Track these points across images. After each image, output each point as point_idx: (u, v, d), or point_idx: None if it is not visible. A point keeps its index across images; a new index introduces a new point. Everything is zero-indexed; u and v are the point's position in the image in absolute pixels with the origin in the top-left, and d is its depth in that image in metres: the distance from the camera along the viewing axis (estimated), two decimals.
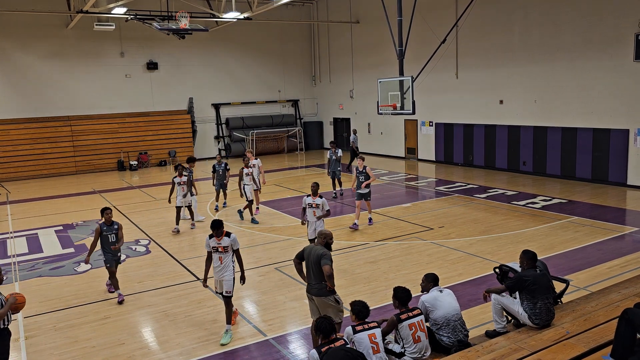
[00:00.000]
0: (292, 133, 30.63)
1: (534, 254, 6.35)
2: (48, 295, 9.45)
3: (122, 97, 26.70)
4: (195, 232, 13.59)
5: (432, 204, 15.73)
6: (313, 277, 6.52)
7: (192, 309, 8.56)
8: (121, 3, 19.73)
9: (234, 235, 7.48)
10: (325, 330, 5.14)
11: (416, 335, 5.61)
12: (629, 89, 16.47)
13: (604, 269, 9.57)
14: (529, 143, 19.90)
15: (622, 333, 4.87)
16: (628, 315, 4.87)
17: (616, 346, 4.92)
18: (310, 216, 9.99)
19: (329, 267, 6.33)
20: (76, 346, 7.43)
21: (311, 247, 6.69)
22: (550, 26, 18.53)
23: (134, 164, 26.13)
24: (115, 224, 9.01)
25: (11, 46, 24.18)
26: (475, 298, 8.28)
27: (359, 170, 13.22)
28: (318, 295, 6.48)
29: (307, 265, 6.61)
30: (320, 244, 6.65)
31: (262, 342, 7.33)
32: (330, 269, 6.34)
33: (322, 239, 6.70)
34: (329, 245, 6.65)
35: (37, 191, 20.85)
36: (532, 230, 12.30)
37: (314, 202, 9.98)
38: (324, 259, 6.39)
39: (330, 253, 6.55)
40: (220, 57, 29.03)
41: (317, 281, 6.47)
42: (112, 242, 8.88)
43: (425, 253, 10.96)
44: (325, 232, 6.79)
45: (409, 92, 15.48)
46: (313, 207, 9.95)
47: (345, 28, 28.60)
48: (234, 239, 7.46)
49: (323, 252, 6.48)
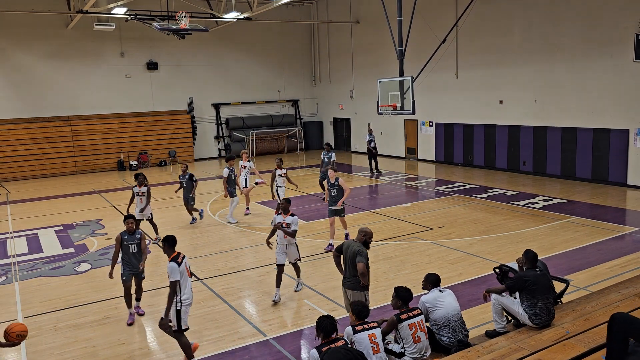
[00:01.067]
0: (292, 133, 30.64)
1: (535, 254, 6.36)
2: (48, 295, 9.45)
3: (122, 97, 26.70)
4: (195, 232, 13.57)
5: (432, 204, 15.72)
6: (348, 272, 6.77)
7: (192, 309, 8.51)
8: (121, 3, 19.72)
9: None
10: (326, 330, 5.14)
11: (416, 335, 5.61)
12: (629, 89, 16.47)
13: (604, 269, 9.57)
14: (528, 143, 19.90)
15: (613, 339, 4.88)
16: (613, 322, 4.88)
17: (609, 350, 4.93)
18: (280, 237, 8.67)
19: (362, 265, 6.51)
20: (76, 346, 7.43)
21: (350, 243, 6.86)
22: (550, 26, 18.53)
23: (134, 164, 26.13)
24: (137, 232, 8.24)
25: (11, 46, 24.18)
26: (475, 298, 8.28)
27: (331, 183, 11.43)
28: (352, 289, 6.75)
29: (344, 259, 6.85)
30: (359, 240, 6.80)
31: (262, 342, 7.33)
32: (364, 267, 6.51)
33: (362, 235, 6.84)
34: (367, 244, 6.82)
35: (37, 191, 20.85)
36: (532, 230, 12.29)
37: (284, 221, 8.65)
38: (359, 256, 6.57)
39: (367, 251, 6.73)
40: (220, 57, 29.03)
41: (352, 276, 6.70)
42: (132, 252, 8.11)
43: (425, 253, 10.96)
44: (365, 230, 6.91)
45: (409, 92, 15.48)
46: (283, 226, 8.60)
47: (345, 28, 28.61)
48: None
49: (359, 249, 6.65)
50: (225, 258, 11.26)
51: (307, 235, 12.60)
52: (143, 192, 12.28)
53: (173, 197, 18.32)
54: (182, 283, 6.64)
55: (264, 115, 30.54)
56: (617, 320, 4.86)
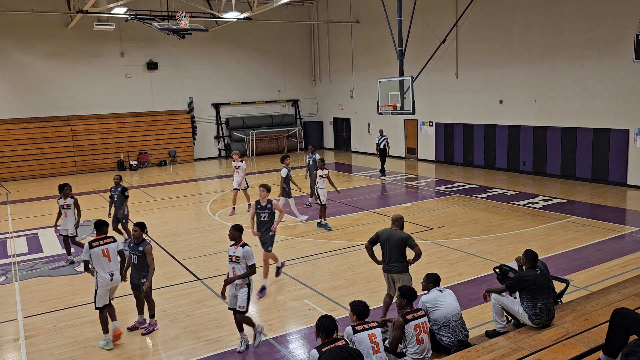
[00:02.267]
0: (292, 133, 30.63)
1: (536, 254, 6.35)
2: (48, 295, 9.45)
3: (122, 97, 26.70)
4: (195, 233, 13.57)
5: (432, 204, 15.72)
6: (393, 258, 7.10)
7: (192, 309, 8.55)
8: (121, 3, 19.72)
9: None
10: (327, 329, 5.14)
11: (420, 337, 5.61)
12: (629, 89, 16.47)
13: (604, 269, 9.57)
14: (529, 143, 19.90)
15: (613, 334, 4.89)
16: (616, 317, 4.88)
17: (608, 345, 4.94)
18: (230, 272, 7.09)
19: (419, 248, 7.09)
20: (76, 346, 7.43)
21: (390, 231, 7.18)
22: (550, 26, 18.52)
23: (133, 164, 26.14)
24: (142, 245, 7.54)
25: (11, 46, 24.17)
26: (475, 298, 8.28)
27: (261, 205, 9.28)
28: (400, 273, 7.11)
29: (385, 247, 7.14)
30: (397, 227, 7.22)
31: (262, 342, 7.31)
32: (419, 248, 7.08)
33: (399, 221, 7.29)
34: (403, 228, 7.27)
35: (37, 191, 20.85)
36: (532, 230, 12.29)
37: (234, 254, 7.06)
38: (410, 240, 7.08)
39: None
40: (220, 57, 29.03)
41: (397, 260, 7.11)
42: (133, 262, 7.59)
43: (425, 253, 10.88)
44: (399, 216, 7.37)
45: (409, 92, 15.49)
46: (233, 261, 7.03)
47: (345, 28, 28.61)
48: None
49: (407, 235, 7.13)
50: (226, 258, 11.20)
51: (307, 235, 12.61)
52: (69, 204, 10.90)
53: (173, 197, 18.34)
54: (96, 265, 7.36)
55: (264, 115, 30.54)
56: (620, 315, 4.86)
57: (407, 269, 7.20)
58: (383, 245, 7.18)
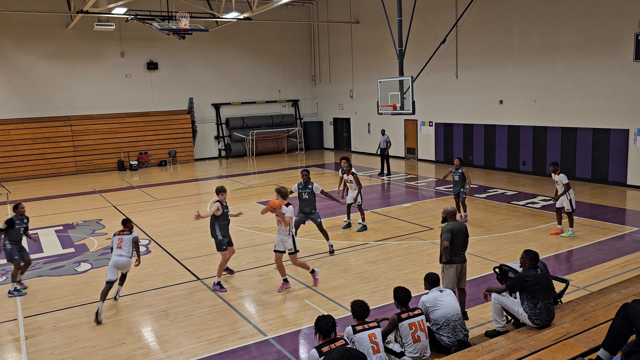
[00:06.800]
0: (292, 133, 30.64)
1: (536, 254, 6.36)
2: (48, 295, 9.45)
3: (122, 97, 26.70)
4: (195, 233, 13.56)
5: (432, 204, 15.72)
6: (460, 248, 7.35)
7: (192, 309, 8.55)
8: (121, 3, 19.73)
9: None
10: (324, 330, 5.14)
11: (416, 335, 5.61)
12: (629, 89, 16.48)
13: (604, 269, 9.57)
14: (528, 143, 19.90)
15: (617, 327, 4.86)
16: (627, 310, 4.86)
17: (608, 338, 4.92)
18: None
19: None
20: (76, 346, 7.43)
21: (459, 224, 7.47)
22: (550, 26, 18.53)
23: (134, 164, 26.14)
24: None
25: (11, 46, 24.18)
26: (475, 298, 8.28)
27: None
28: (464, 262, 7.37)
29: (457, 239, 7.33)
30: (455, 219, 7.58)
31: (262, 342, 7.32)
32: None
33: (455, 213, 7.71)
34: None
35: (37, 191, 20.86)
36: (532, 230, 12.30)
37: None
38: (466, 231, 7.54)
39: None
40: (220, 57, 29.03)
41: (464, 251, 7.41)
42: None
43: (425, 253, 10.95)
44: (454, 207, 7.84)
45: (409, 92, 15.49)
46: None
47: (345, 28, 28.61)
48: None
49: (465, 226, 7.59)
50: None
51: (307, 234, 12.61)
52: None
53: (173, 197, 18.36)
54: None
55: (264, 115, 30.54)
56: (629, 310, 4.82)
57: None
58: (455, 238, 7.31)
